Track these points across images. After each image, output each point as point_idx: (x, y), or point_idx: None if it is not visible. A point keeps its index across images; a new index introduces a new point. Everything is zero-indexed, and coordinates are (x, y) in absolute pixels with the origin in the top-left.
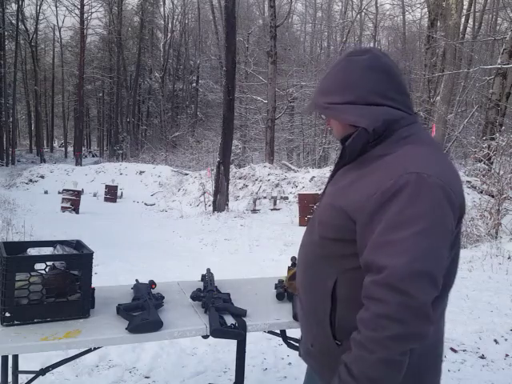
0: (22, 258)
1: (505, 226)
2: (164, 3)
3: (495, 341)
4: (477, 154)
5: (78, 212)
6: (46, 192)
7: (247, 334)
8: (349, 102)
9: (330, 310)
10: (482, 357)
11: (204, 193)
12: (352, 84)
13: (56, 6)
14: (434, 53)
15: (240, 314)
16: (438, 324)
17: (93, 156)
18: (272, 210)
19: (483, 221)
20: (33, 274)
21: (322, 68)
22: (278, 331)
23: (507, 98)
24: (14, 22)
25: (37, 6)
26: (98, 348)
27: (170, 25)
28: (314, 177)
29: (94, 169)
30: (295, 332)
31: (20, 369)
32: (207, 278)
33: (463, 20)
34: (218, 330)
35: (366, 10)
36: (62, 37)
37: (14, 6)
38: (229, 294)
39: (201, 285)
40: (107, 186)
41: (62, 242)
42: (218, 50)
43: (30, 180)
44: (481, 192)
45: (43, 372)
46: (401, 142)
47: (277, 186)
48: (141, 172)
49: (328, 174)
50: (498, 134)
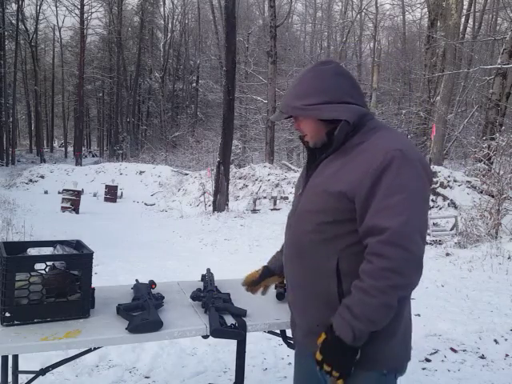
0: (22, 257)
1: (505, 226)
2: (164, 3)
3: (495, 341)
4: (477, 154)
5: (78, 212)
6: (46, 192)
7: (247, 333)
8: (325, 102)
9: (337, 286)
10: (482, 357)
11: (204, 193)
12: (326, 87)
13: (56, 6)
14: (434, 53)
15: (240, 314)
16: None
17: (93, 156)
18: (272, 210)
19: (483, 221)
20: (33, 273)
21: None
22: (278, 331)
23: (507, 98)
24: (14, 22)
25: (37, 5)
26: (98, 348)
27: (170, 25)
28: None
29: (94, 169)
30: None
31: (20, 369)
32: (207, 278)
33: (463, 20)
34: (218, 330)
35: (366, 10)
36: (62, 37)
37: (14, 6)
38: (229, 294)
39: (201, 285)
40: (107, 186)
41: (61, 242)
42: (218, 49)
43: (30, 180)
44: (481, 192)
45: (43, 372)
46: (371, 131)
47: (277, 186)
48: (141, 172)
49: None
50: (498, 134)
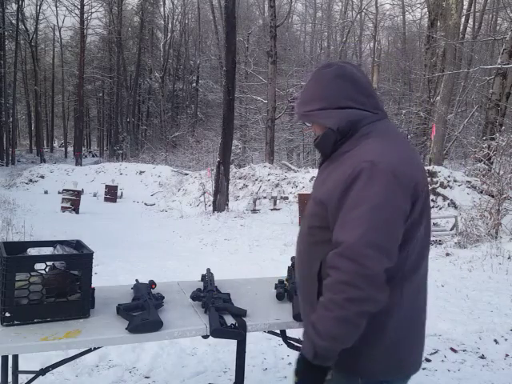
0: (22, 257)
1: (505, 226)
2: (164, 3)
3: (495, 341)
4: (477, 154)
5: (78, 212)
6: (46, 192)
7: (247, 333)
8: (323, 107)
9: (317, 291)
10: (482, 357)
11: (204, 193)
12: (323, 92)
13: (56, 6)
14: (434, 53)
15: (240, 314)
16: (413, 301)
17: (93, 156)
18: (272, 210)
19: (483, 221)
20: (33, 274)
21: None
22: (278, 331)
23: (507, 98)
24: (14, 21)
25: (37, 5)
26: (98, 348)
27: (170, 25)
28: (314, 177)
29: (94, 169)
30: (295, 332)
31: (20, 369)
32: (207, 277)
33: (463, 20)
34: (218, 330)
35: (365, 10)
36: (62, 37)
37: (14, 6)
38: (229, 294)
39: (201, 285)
40: (107, 186)
41: (61, 242)
42: (218, 49)
43: (30, 180)
44: (481, 192)
45: (43, 372)
46: (362, 138)
47: (277, 186)
48: (141, 172)
49: None
50: (498, 134)
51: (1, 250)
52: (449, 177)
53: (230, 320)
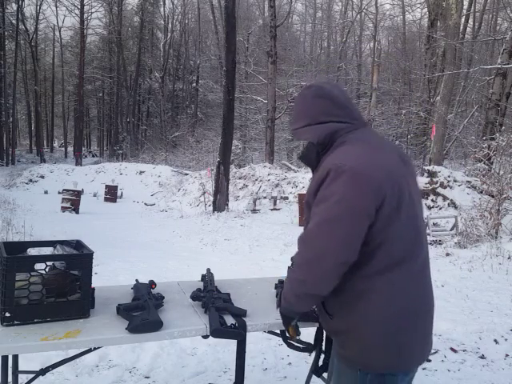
0: (22, 257)
1: (505, 226)
2: (164, 3)
3: (495, 341)
4: (477, 154)
5: (77, 212)
6: (46, 192)
7: (247, 333)
8: (307, 124)
9: None
10: (482, 357)
11: (204, 193)
12: (306, 111)
13: (56, 6)
14: (433, 53)
15: (240, 314)
16: (408, 290)
17: (93, 156)
18: (272, 210)
19: (483, 221)
20: (33, 273)
21: (322, 68)
22: (278, 331)
23: (507, 98)
24: (14, 21)
25: (37, 5)
26: (98, 348)
27: (170, 25)
28: None
29: (94, 169)
30: None
31: (20, 369)
32: (207, 278)
33: (463, 20)
34: (218, 330)
35: (365, 10)
36: (62, 37)
37: (14, 6)
38: (229, 294)
39: (201, 285)
40: (107, 186)
41: (62, 242)
42: (218, 49)
43: (30, 180)
44: (481, 192)
45: (43, 372)
46: (338, 146)
47: (277, 186)
48: (141, 172)
49: None
50: (498, 134)
51: (1, 250)
52: (449, 177)
53: (230, 320)
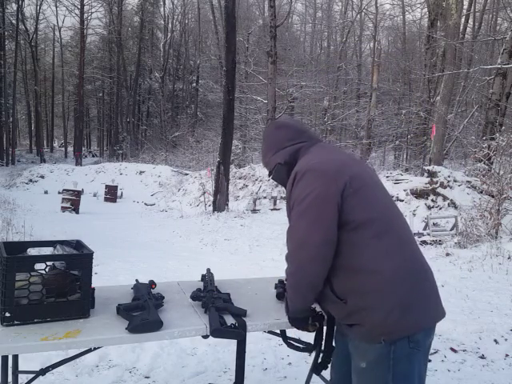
0: (22, 257)
1: (505, 226)
2: (164, 3)
3: (495, 341)
4: (477, 154)
5: (77, 212)
6: (46, 192)
7: (247, 333)
8: (276, 152)
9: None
10: (482, 357)
11: (204, 193)
12: (271, 142)
13: (56, 6)
14: (433, 53)
15: (240, 314)
16: (400, 252)
17: (93, 156)
18: (272, 210)
19: (483, 221)
20: (33, 274)
21: (322, 68)
22: (278, 331)
23: (507, 98)
24: (14, 21)
25: (37, 5)
26: (98, 348)
27: (170, 25)
28: None
29: (94, 169)
30: (295, 332)
31: (20, 369)
32: (207, 278)
33: (463, 20)
34: (218, 330)
35: (365, 10)
36: (62, 37)
37: (14, 6)
38: (229, 294)
39: (201, 285)
40: (107, 186)
41: (62, 242)
42: (218, 49)
43: (30, 180)
44: (481, 192)
45: (43, 372)
46: (300, 160)
47: (277, 185)
48: (141, 172)
49: None
50: (498, 134)
51: (1, 250)
52: (449, 177)
53: (230, 320)
